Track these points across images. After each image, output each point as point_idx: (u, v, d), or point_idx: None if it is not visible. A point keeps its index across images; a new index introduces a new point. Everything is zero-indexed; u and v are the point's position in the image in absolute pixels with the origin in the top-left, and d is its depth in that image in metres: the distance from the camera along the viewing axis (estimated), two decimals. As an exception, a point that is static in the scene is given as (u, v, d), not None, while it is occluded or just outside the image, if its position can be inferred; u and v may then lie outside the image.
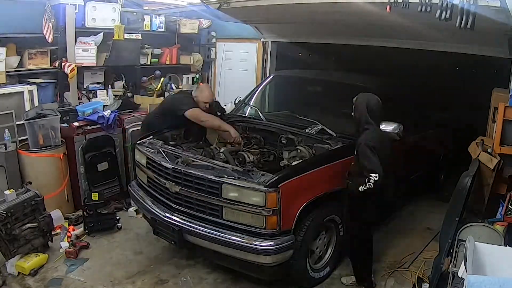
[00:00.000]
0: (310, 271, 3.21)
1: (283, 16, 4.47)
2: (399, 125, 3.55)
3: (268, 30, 5.68)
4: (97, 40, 4.89)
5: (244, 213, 2.91)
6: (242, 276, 3.34)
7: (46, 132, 4.09)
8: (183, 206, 3.19)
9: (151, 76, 5.79)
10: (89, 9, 4.72)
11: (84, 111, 4.49)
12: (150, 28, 5.46)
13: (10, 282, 3.27)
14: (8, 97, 4.25)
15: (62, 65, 4.57)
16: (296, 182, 2.96)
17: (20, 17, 4.33)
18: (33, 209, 3.54)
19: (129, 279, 3.34)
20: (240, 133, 3.87)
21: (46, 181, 4.06)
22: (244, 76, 6.12)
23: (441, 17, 2.60)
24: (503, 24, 2.86)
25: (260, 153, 3.53)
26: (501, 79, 3.57)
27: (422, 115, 4.65)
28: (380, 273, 3.54)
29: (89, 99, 4.98)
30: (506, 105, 3.07)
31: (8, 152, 3.98)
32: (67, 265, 3.51)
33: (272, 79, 5.02)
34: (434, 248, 3.65)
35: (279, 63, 5.95)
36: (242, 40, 6.07)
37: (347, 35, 4.94)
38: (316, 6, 3.52)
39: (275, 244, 2.86)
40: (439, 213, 4.38)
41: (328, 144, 3.48)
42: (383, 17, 3.15)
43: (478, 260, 2.08)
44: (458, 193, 2.77)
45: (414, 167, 4.67)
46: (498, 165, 3.08)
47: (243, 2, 3.83)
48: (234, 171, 3.02)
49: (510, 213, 2.75)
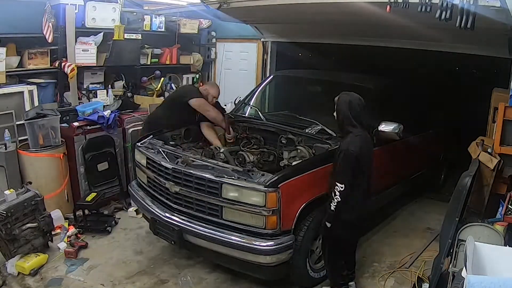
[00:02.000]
0: (310, 271, 3.21)
1: (283, 16, 4.47)
2: (399, 125, 3.56)
3: (268, 30, 5.68)
4: (97, 40, 4.89)
5: (244, 213, 2.91)
6: (242, 276, 3.34)
7: (46, 132, 4.09)
8: (183, 206, 3.19)
9: (151, 76, 5.79)
10: (89, 9, 4.72)
11: (84, 111, 4.49)
12: (150, 28, 5.47)
13: (10, 282, 3.27)
14: (8, 97, 4.25)
15: (62, 65, 4.58)
16: (296, 182, 2.96)
17: (20, 17, 4.34)
18: (33, 209, 3.54)
19: (129, 279, 3.34)
20: (240, 133, 3.88)
21: (46, 181, 4.06)
22: (244, 76, 6.13)
23: (441, 17, 2.59)
24: (503, 24, 2.86)
25: (260, 153, 3.53)
26: (501, 79, 3.57)
27: (422, 115, 4.65)
28: (380, 273, 3.54)
29: (89, 99, 4.98)
30: (506, 105, 3.07)
31: (8, 152, 3.98)
32: (67, 265, 3.51)
33: (272, 79, 5.02)
34: (434, 248, 3.66)
35: (279, 63, 5.96)
36: (242, 40, 6.07)
37: (347, 35, 4.94)
38: (316, 6, 3.52)
39: (275, 244, 2.86)
40: (439, 213, 4.39)
41: (328, 144, 3.48)
42: (383, 17, 3.14)
43: (478, 260, 2.08)
44: (458, 193, 2.77)
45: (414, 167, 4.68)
46: (498, 165, 3.08)
47: (243, 2, 3.83)
48: (234, 171, 3.02)
49: (510, 213, 2.75)
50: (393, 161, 4.01)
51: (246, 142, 3.79)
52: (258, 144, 3.77)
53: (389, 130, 3.57)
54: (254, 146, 3.72)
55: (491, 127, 3.54)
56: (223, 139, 3.95)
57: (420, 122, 4.54)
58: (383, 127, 3.59)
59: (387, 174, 4.02)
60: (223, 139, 3.95)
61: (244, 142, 3.76)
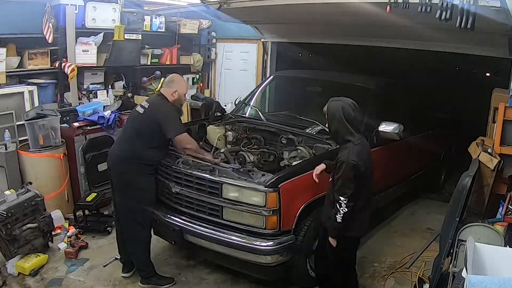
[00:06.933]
0: (310, 271, 3.21)
1: (283, 16, 4.48)
2: (399, 125, 3.56)
3: (268, 30, 5.68)
4: (97, 40, 4.89)
5: (244, 213, 2.91)
6: (242, 276, 3.34)
7: (46, 132, 4.09)
8: (183, 206, 3.19)
9: (151, 77, 5.79)
10: (89, 9, 4.73)
11: (84, 112, 4.50)
12: (150, 28, 5.47)
13: (11, 283, 3.28)
14: (9, 97, 4.26)
15: (62, 65, 4.58)
16: (297, 182, 2.96)
17: (20, 18, 4.34)
18: (33, 210, 3.54)
19: (129, 279, 3.34)
20: (240, 133, 3.88)
21: (46, 181, 4.07)
22: (244, 77, 6.13)
23: (441, 17, 2.60)
24: (503, 24, 2.87)
25: (260, 153, 3.53)
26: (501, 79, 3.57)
27: (422, 115, 4.65)
28: (380, 273, 3.54)
29: (89, 99, 4.98)
30: (506, 105, 3.07)
31: (9, 153, 3.98)
32: (67, 265, 3.52)
33: (272, 79, 5.02)
34: (434, 248, 3.65)
35: (279, 64, 5.96)
36: (242, 40, 6.08)
37: (347, 35, 4.95)
38: (316, 6, 3.52)
39: (275, 244, 2.86)
40: (439, 213, 4.40)
41: (329, 144, 3.48)
42: (383, 18, 3.14)
43: (478, 260, 2.08)
44: (458, 193, 2.76)
45: (414, 167, 4.68)
46: (498, 165, 3.08)
47: (243, 2, 3.83)
48: (234, 171, 3.02)
49: (510, 213, 2.75)
50: (393, 161, 4.01)
51: (246, 142, 3.78)
52: (258, 144, 3.77)
53: (389, 130, 3.58)
54: (254, 146, 3.72)
55: (491, 127, 3.54)
56: (223, 140, 3.94)
57: (420, 122, 4.54)
58: (383, 127, 3.60)
59: (387, 174, 4.02)
60: (223, 140, 3.94)
61: (244, 142, 3.76)
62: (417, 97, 4.68)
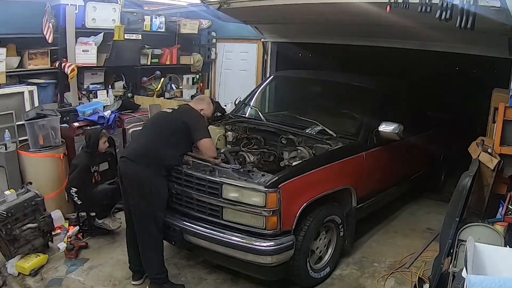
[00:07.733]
0: (311, 271, 3.21)
1: (283, 16, 4.48)
2: (399, 126, 3.56)
3: (268, 30, 5.68)
4: (97, 40, 4.90)
5: (244, 213, 2.91)
6: (242, 276, 3.34)
7: (46, 132, 4.09)
8: (183, 206, 3.19)
9: (151, 77, 5.80)
10: (89, 9, 4.74)
11: (84, 112, 4.50)
12: (150, 28, 5.48)
13: (11, 283, 3.27)
14: (9, 97, 4.26)
15: (62, 65, 4.59)
16: (296, 183, 2.96)
17: (20, 18, 4.34)
18: (34, 210, 3.53)
19: (129, 279, 3.34)
20: (240, 133, 3.88)
21: (46, 181, 4.07)
22: (244, 77, 6.13)
23: (441, 17, 2.60)
24: (503, 24, 2.87)
25: (260, 154, 3.53)
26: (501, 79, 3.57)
27: (422, 115, 4.65)
28: (380, 273, 3.54)
29: (89, 99, 4.99)
30: (506, 105, 3.07)
31: (9, 153, 3.98)
32: (67, 265, 3.51)
33: (272, 79, 5.02)
34: (434, 248, 3.65)
35: (279, 64, 5.96)
36: (242, 40, 6.08)
37: (347, 35, 4.95)
38: (316, 6, 3.52)
39: (275, 245, 2.86)
40: (439, 213, 4.40)
41: (328, 144, 3.48)
42: (383, 18, 3.14)
43: (478, 260, 2.09)
44: (458, 193, 2.77)
45: (415, 167, 4.68)
46: (498, 165, 3.08)
47: (243, 2, 3.83)
48: (235, 171, 3.02)
49: (510, 213, 2.75)
50: (393, 161, 4.01)
51: (246, 142, 3.78)
52: (258, 145, 3.77)
53: (389, 130, 3.58)
54: (254, 146, 3.72)
55: (491, 127, 3.54)
56: (223, 140, 3.94)
57: (421, 122, 4.54)
58: (383, 127, 3.60)
59: (387, 175, 4.03)
60: (223, 140, 3.94)
61: (244, 143, 3.76)
62: (417, 97, 4.68)
